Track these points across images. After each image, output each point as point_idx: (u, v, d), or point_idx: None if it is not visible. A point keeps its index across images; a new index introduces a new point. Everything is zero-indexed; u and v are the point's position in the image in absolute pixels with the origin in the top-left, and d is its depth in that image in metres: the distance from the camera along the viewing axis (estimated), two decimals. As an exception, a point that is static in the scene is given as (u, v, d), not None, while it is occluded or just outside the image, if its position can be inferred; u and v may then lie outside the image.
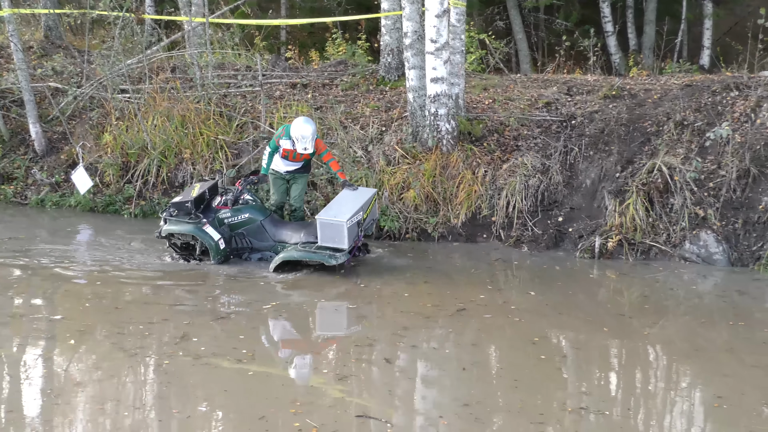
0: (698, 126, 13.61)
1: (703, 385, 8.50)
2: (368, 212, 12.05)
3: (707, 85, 14.63)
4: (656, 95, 14.86)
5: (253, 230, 12.33)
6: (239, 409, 7.74)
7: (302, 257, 11.70)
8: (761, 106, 13.61)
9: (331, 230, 11.55)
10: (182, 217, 12.13)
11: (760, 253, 12.34)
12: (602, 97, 15.15)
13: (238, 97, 16.28)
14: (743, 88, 14.14)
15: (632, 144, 13.85)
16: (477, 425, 7.42)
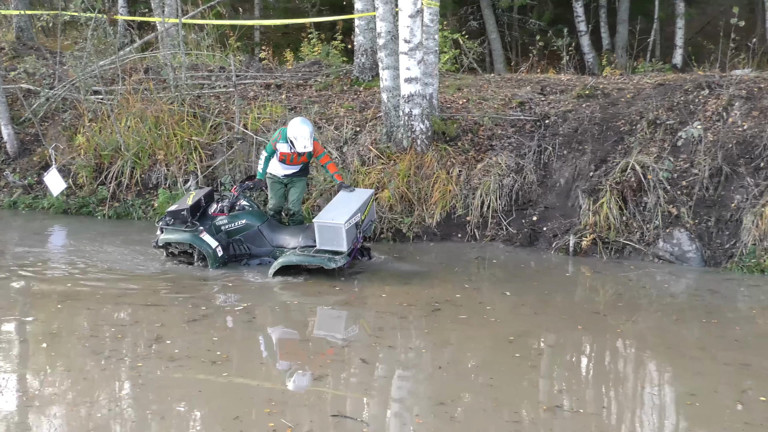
0: (671, 125, 13.68)
1: (676, 383, 8.53)
2: (366, 213, 11.89)
3: (680, 84, 14.72)
4: (629, 94, 14.94)
5: (251, 236, 12.17)
6: (213, 409, 7.72)
7: (301, 261, 11.53)
8: (733, 105, 13.70)
9: (329, 233, 11.40)
10: (178, 226, 11.98)
11: (733, 251, 12.41)
12: (576, 96, 15.22)
13: (211, 98, 16.25)
14: (715, 87, 14.22)
15: (606, 143, 13.92)
16: (452, 424, 7.42)
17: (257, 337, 9.78)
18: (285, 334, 10.07)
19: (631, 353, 9.33)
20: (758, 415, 7.55)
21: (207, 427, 7.45)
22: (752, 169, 12.85)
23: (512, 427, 7.35)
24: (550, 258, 12.88)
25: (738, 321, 10.38)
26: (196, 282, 11.68)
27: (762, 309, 10.84)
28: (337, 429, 7.32)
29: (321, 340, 9.81)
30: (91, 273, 11.96)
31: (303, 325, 10.29)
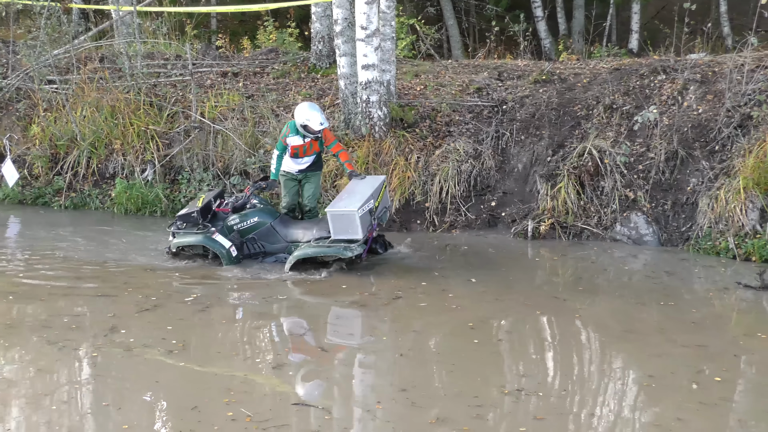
0: (627, 109, 13.79)
1: (635, 366, 8.59)
2: (380, 200, 11.65)
3: (635, 68, 14.83)
4: (586, 79, 15.03)
5: (264, 233, 11.91)
6: (171, 399, 7.69)
7: (317, 253, 11.33)
8: (688, 89, 13.82)
9: (342, 221, 11.16)
10: (190, 229, 11.80)
11: (689, 234, 12.54)
12: (533, 81, 15.28)
13: (168, 86, 16.16)
14: (670, 71, 14.34)
15: (563, 128, 13.99)
16: (414, 409, 7.44)
17: (212, 326, 9.68)
18: (240, 323, 9.97)
19: (591, 337, 9.39)
20: (713, 396, 7.64)
21: (165, 417, 7.42)
22: (707, 153, 12.97)
23: (475, 411, 7.38)
24: (512, 243, 12.93)
25: (694, 303, 10.49)
26: (145, 272, 11.64)
27: (718, 291, 10.95)
28: (299, 417, 7.31)
29: (278, 329, 9.76)
30: (44, 263, 11.87)
31: (258, 314, 10.21)
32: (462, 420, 7.19)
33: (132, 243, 13.09)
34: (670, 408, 7.48)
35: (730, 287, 10.92)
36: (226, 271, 11.59)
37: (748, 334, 9.46)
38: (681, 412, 7.36)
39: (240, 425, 7.08)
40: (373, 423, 7.31)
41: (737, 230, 12.12)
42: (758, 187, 12.10)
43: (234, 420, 7.16)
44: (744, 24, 19.65)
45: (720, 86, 13.66)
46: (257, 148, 14.72)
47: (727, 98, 13.25)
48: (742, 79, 13.47)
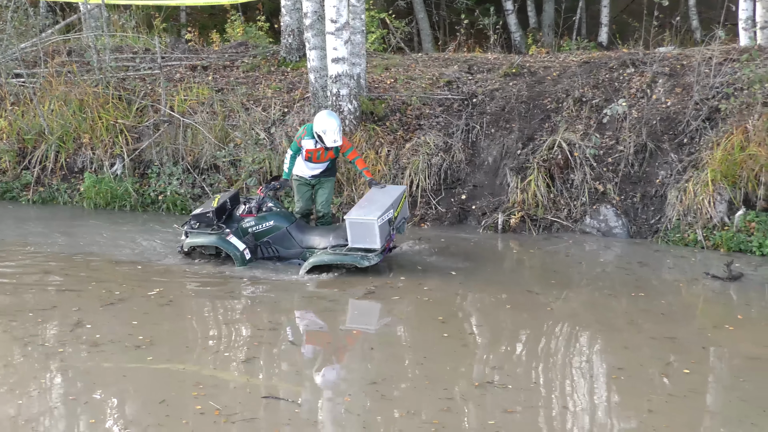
0: (596, 102, 13.84)
1: (604, 357, 8.64)
2: (399, 210, 11.43)
3: (604, 62, 14.88)
4: (555, 72, 15.06)
5: (279, 238, 11.67)
6: (139, 394, 7.66)
7: (333, 261, 11.05)
8: (656, 82, 13.89)
9: (361, 230, 10.90)
10: (204, 229, 11.60)
11: (658, 226, 12.61)
12: (503, 75, 15.30)
13: (137, 80, 16.06)
14: (639, 64, 14.40)
15: (533, 121, 14.03)
16: (383, 401, 7.46)
17: (177, 320, 9.64)
18: (207, 317, 9.92)
19: (562, 329, 9.41)
20: (682, 387, 7.70)
21: (133, 411, 7.39)
22: (676, 146, 13.04)
23: (444, 403, 7.39)
24: (483, 236, 12.93)
25: (664, 293, 10.55)
26: (109, 265, 11.61)
27: (687, 282, 11.02)
28: (268, 411, 7.31)
29: (246, 323, 9.68)
30: (10, 258, 11.79)
31: (225, 308, 10.17)
32: (432, 413, 7.21)
33: (100, 237, 13.02)
34: (639, 400, 7.53)
35: (699, 278, 10.99)
36: (187, 265, 11.56)
37: (716, 326, 9.54)
38: (650, 404, 7.41)
39: (209, 419, 7.06)
40: (343, 416, 7.31)
41: (705, 222, 12.19)
42: (726, 180, 12.19)
43: (203, 414, 7.14)
44: (712, 17, 19.76)
45: (688, 79, 13.73)
46: (227, 142, 14.67)
47: (696, 91, 13.32)
48: (710, 72, 13.54)
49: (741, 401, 7.53)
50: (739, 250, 11.86)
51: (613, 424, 7.22)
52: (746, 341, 8.99)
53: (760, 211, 12.05)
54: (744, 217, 11.98)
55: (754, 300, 10.35)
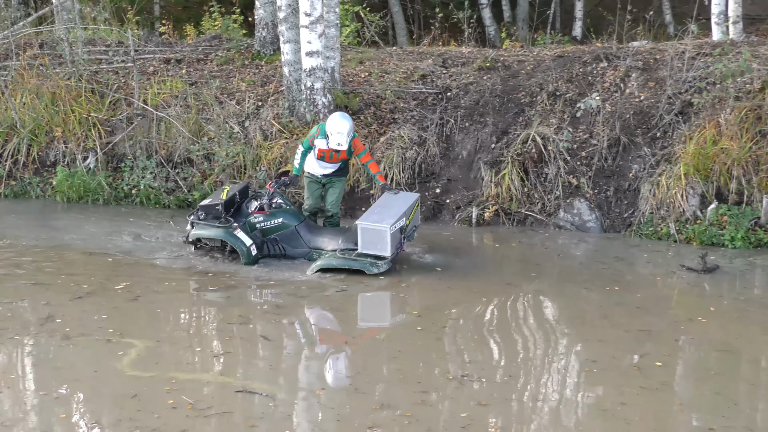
0: (570, 96, 13.88)
1: (579, 351, 8.68)
2: (411, 218, 11.29)
3: (578, 56, 14.93)
4: (529, 66, 15.10)
5: (287, 236, 11.49)
6: (110, 388, 7.64)
7: (341, 265, 10.83)
8: (630, 76, 13.96)
9: (373, 236, 10.72)
10: (211, 221, 11.38)
11: (631, 220, 12.67)
12: (477, 68, 15.32)
13: (110, 73, 15.97)
14: (613, 58, 14.46)
15: (507, 115, 14.05)
16: (357, 395, 7.47)
17: (147, 314, 9.60)
18: (177, 311, 9.87)
19: (538, 323, 9.44)
20: (653, 380, 7.74)
21: (104, 406, 7.37)
22: (649, 139, 13.10)
23: (419, 397, 7.41)
24: (458, 230, 12.93)
25: (639, 287, 10.61)
26: (80, 258, 11.58)
27: (663, 275, 11.09)
28: (242, 404, 7.30)
29: (216, 318, 9.64)
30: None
31: (194, 303, 10.10)
32: (406, 406, 7.22)
33: (74, 230, 12.97)
34: (611, 392, 7.58)
35: (674, 271, 11.06)
36: (157, 258, 11.52)
37: (689, 318, 9.61)
38: (622, 396, 7.45)
39: (181, 413, 7.05)
40: (317, 409, 7.32)
41: (678, 216, 12.26)
42: (698, 174, 12.26)
43: (175, 408, 7.12)
44: (685, 12, 19.88)
45: (661, 73, 13.79)
46: (201, 136, 14.60)
47: (669, 85, 13.38)
48: (683, 66, 13.61)
49: (713, 393, 7.59)
50: (711, 243, 11.94)
51: (586, 416, 7.26)
52: (719, 334, 9.07)
53: (732, 204, 12.13)
54: (716, 211, 12.05)
55: (728, 292, 10.44)
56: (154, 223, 13.24)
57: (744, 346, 8.77)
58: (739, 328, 9.24)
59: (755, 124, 12.36)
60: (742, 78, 12.97)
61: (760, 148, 12.19)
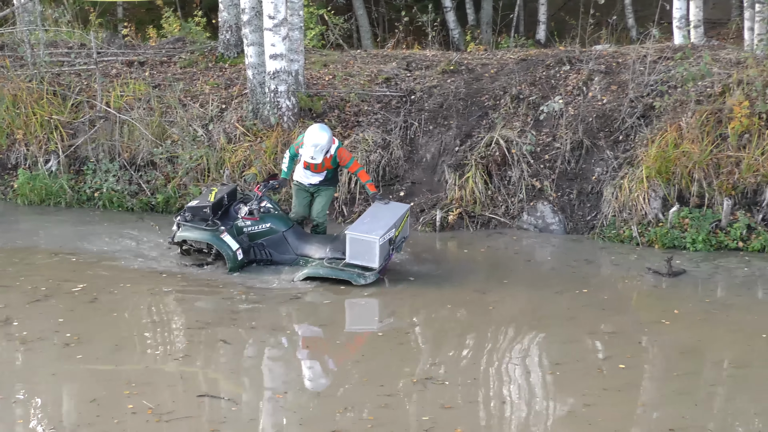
0: (533, 100, 13.92)
1: (543, 354, 8.73)
2: (400, 229, 11.14)
3: (542, 59, 14.98)
4: (493, 70, 15.13)
5: (274, 241, 11.34)
6: (69, 392, 7.61)
7: (328, 274, 10.68)
8: (593, 80, 14.02)
9: (361, 247, 10.55)
10: (198, 224, 11.18)
11: (594, 223, 12.74)
12: (441, 72, 15.32)
13: (72, 75, 15.83)
14: (576, 62, 14.52)
15: (470, 118, 14.08)
16: (321, 399, 7.48)
17: (104, 317, 9.53)
18: (134, 315, 9.79)
19: (503, 325, 9.47)
20: (617, 381, 7.81)
21: (62, 411, 7.33)
22: (611, 143, 13.18)
23: (383, 400, 7.42)
24: (421, 234, 12.92)
25: (605, 289, 10.66)
26: (38, 260, 11.53)
27: (628, 278, 11.16)
28: (204, 409, 7.28)
29: (175, 321, 9.59)
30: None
31: (151, 306, 9.99)
32: (369, 409, 7.23)
33: (34, 233, 12.96)
34: (574, 394, 7.63)
35: (640, 274, 11.12)
36: (114, 260, 11.44)
37: (653, 321, 9.67)
38: (585, 398, 7.49)
39: (141, 417, 7.02)
40: (280, 412, 7.32)
41: (640, 218, 12.34)
42: (660, 176, 12.35)
43: (135, 413, 7.09)
44: (648, 16, 20.01)
45: (624, 77, 13.87)
46: (164, 139, 14.52)
47: (631, 89, 13.47)
48: (644, 69, 13.70)
49: (675, 394, 7.68)
50: (673, 246, 12.02)
51: (549, 418, 7.30)
52: (682, 336, 9.14)
53: (693, 207, 12.23)
54: (678, 214, 12.14)
55: (692, 295, 10.49)
56: (117, 225, 13.19)
57: (707, 347, 8.86)
58: (703, 330, 9.33)
59: (716, 127, 12.47)
60: (703, 82, 13.08)
61: (720, 151, 12.30)
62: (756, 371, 8.23)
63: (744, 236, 11.89)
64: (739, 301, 10.38)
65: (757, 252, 11.72)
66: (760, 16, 15.11)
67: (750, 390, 7.84)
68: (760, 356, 8.62)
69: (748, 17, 15.54)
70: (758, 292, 10.67)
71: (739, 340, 9.12)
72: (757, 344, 8.93)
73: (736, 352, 8.79)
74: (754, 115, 12.29)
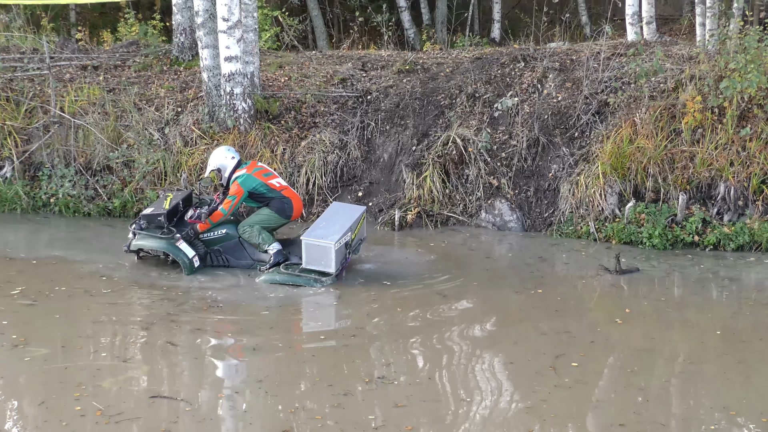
0: (488, 98, 13.99)
1: (495, 352, 8.75)
2: (356, 232, 11.08)
3: (496, 57, 15.05)
4: (448, 69, 15.18)
5: (231, 247, 11.26)
6: (16, 395, 7.56)
7: (284, 281, 10.63)
8: (547, 77, 14.10)
9: (317, 252, 10.50)
10: (153, 231, 11.06)
11: (552, 219, 12.81)
12: (396, 71, 15.36)
13: (25, 80, 15.69)
14: (530, 60, 14.61)
15: (427, 117, 14.11)
16: (270, 398, 7.49)
17: (47, 319, 9.45)
18: (77, 316, 9.66)
19: (456, 325, 9.46)
20: (568, 379, 7.86)
21: (9, 414, 7.27)
22: (567, 139, 13.26)
23: (336, 399, 7.44)
24: (381, 233, 12.93)
25: (560, 289, 10.68)
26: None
27: (581, 276, 11.19)
28: (153, 410, 7.26)
29: (118, 323, 9.43)
30: None
31: (92, 308, 9.86)
32: (320, 408, 7.25)
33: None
34: (525, 391, 7.71)
35: (593, 272, 11.16)
36: (53, 262, 11.43)
37: (605, 320, 9.75)
38: (536, 395, 7.56)
39: (89, 419, 6.98)
40: (231, 413, 7.32)
41: (597, 214, 12.44)
42: (616, 172, 12.45)
43: (83, 415, 7.05)
44: (601, 13, 20.23)
45: (578, 74, 13.97)
46: (120, 143, 14.43)
47: (585, 86, 13.57)
48: (598, 66, 13.81)
49: (626, 390, 7.72)
50: (630, 241, 12.12)
51: (501, 415, 7.35)
52: (634, 334, 9.19)
53: (649, 202, 12.34)
54: (634, 209, 12.24)
55: (644, 293, 10.52)
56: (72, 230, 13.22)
57: (659, 345, 8.88)
58: (656, 328, 9.37)
59: (670, 122, 12.60)
60: (656, 78, 13.21)
61: (675, 146, 12.42)
62: (708, 367, 8.30)
63: (699, 230, 12.00)
64: (692, 299, 10.48)
65: (712, 246, 11.82)
66: (711, 12, 15.30)
67: (702, 386, 7.91)
68: (713, 353, 8.69)
69: (700, 13, 15.70)
70: (712, 290, 10.74)
71: (692, 337, 9.23)
72: (709, 341, 9.02)
73: (689, 350, 8.87)
74: (706, 110, 12.43)
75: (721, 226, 11.98)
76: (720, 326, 9.43)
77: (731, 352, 8.66)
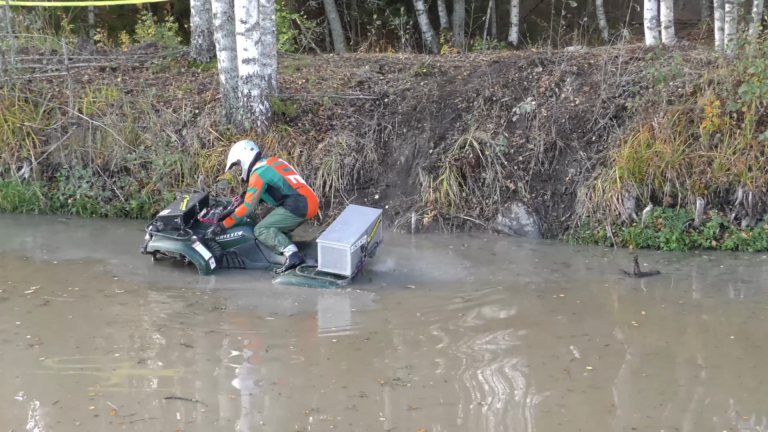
0: (506, 101, 13.96)
1: (509, 356, 8.73)
2: (372, 235, 11.07)
3: (514, 61, 15.03)
4: (466, 72, 15.17)
5: (247, 249, 11.28)
6: (32, 395, 7.59)
7: (301, 283, 10.63)
8: (565, 81, 14.07)
9: (333, 255, 10.51)
10: (170, 233, 11.12)
11: (568, 224, 12.77)
12: (414, 74, 15.36)
13: (44, 82, 15.77)
14: (548, 63, 14.57)
15: (444, 120, 14.10)
16: (284, 400, 7.49)
17: (61, 319, 9.51)
18: (89, 317, 9.69)
19: (472, 329, 9.45)
20: (581, 383, 7.84)
21: (24, 413, 7.29)
22: (584, 143, 13.22)
23: (349, 402, 7.44)
24: (397, 237, 12.90)
25: (579, 294, 10.60)
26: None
27: (600, 280, 11.17)
28: (168, 410, 7.28)
29: (131, 324, 9.43)
30: None
31: (105, 309, 9.90)
32: (335, 410, 7.25)
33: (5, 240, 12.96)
34: (537, 395, 7.69)
35: (612, 276, 11.13)
36: (66, 264, 11.49)
37: (622, 323, 9.72)
38: (550, 399, 7.54)
39: (103, 420, 7.00)
40: (244, 414, 7.34)
41: (614, 219, 12.39)
42: (633, 177, 12.40)
43: (97, 415, 7.07)
44: (619, 17, 20.14)
45: (596, 78, 13.93)
46: (137, 144, 14.48)
47: (603, 90, 13.52)
48: (616, 70, 13.77)
49: (640, 394, 7.70)
50: (647, 246, 12.08)
51: (515, 419, 7.34)
52: (649, 337, 9.14)
53: (666, 207, 12.29)
54: (651, 214, 12.20)
55: (661, 296, 10.47)
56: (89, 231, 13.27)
57: (676, 349, 8.87)
58: (673, 332, 9.35)
59: (687, 127, 12.54)
60: (674, 82, 13.16)
61: (692, 151, 12.37)
62: (723, 372, 8.25)
63: (717, 235, 11.96)
64: (709, 303, 10.42)
65: (730, 251, 11.78)
66: (729, 17, 15.23)
67: (717, 390, 7.87)
68: (728, 357, 8.64)
69: (718, 17, 15.64)
70: (729, 293, 10.69)
71: (708, 342, 9.18)
72: (725, 346, 8.98)
73: (703, 354, 8.83)
74: (725, 115, 12.37)
75: (738, 231, 11.93)
76: (735, 331, 9.38)
77: (746, 356, 8.62)
